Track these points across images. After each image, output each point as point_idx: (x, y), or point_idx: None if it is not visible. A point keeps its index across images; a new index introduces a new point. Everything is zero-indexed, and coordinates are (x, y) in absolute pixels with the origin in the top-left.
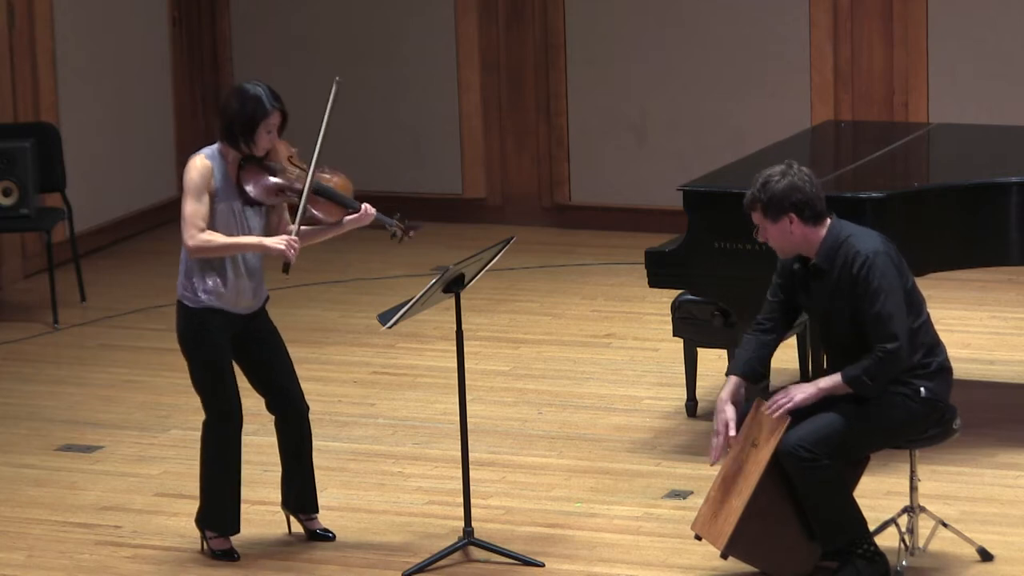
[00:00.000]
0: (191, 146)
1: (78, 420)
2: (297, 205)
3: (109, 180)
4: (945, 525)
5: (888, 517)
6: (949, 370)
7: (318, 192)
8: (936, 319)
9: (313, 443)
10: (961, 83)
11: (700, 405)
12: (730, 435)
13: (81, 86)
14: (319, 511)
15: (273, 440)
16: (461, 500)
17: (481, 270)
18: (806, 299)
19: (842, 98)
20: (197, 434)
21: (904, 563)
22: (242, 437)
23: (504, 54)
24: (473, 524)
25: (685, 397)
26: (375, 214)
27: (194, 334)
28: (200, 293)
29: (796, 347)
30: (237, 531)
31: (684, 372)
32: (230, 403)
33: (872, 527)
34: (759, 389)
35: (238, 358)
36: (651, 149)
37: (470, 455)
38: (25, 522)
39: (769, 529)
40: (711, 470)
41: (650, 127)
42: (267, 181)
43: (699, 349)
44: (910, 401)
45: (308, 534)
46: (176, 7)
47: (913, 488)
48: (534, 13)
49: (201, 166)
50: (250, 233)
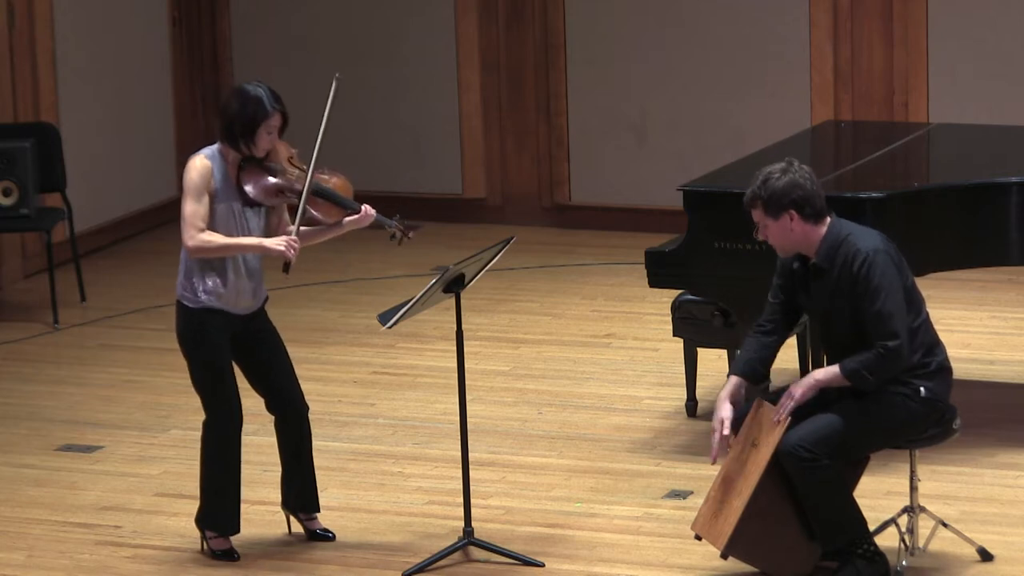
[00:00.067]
0: (191, 146)
1: (78, 420)
2: (297, 206)
3: (109, 180)
4: (945, 525)
5: (888, 517)
6: (949, 370)
7: (318, 193)
8: (936, 319)
9: (313, 443)
10: (961, 83)
11: (700, 405)
12: (725, 433)
13: (81, 86)
14: (320, 510)
15: (273, 440)
16: (461, 500)
17: (481, 270)
18: (806, 299)
19: (842, 98)
20: (197, 434)
21: (904, 563)
22: (242, 437)
23: (504, 54)
24: (473, 524)
25: (685, 397)
26: (374, 215)
27: (194, 334)
28: (200, 293)
29: (796, 347)
30: (237, 531)
31: (684, 372)
32: (230, 403)
33: (872, 527)
34: (760, 389)
35: (238, 358)
36: (651, 149)
37: (470, 455)
38: (25, 522)
39: (769, 529)
40: (711, 470)
41: (650, 127)
42: (267, 182)
43: (699, 349)
44: (910, 401)
45: (308, 534)
46: (176, 7)
47: (913, 488)
48: (534, 13)
49: (201, 166)
50: (250, 234)
